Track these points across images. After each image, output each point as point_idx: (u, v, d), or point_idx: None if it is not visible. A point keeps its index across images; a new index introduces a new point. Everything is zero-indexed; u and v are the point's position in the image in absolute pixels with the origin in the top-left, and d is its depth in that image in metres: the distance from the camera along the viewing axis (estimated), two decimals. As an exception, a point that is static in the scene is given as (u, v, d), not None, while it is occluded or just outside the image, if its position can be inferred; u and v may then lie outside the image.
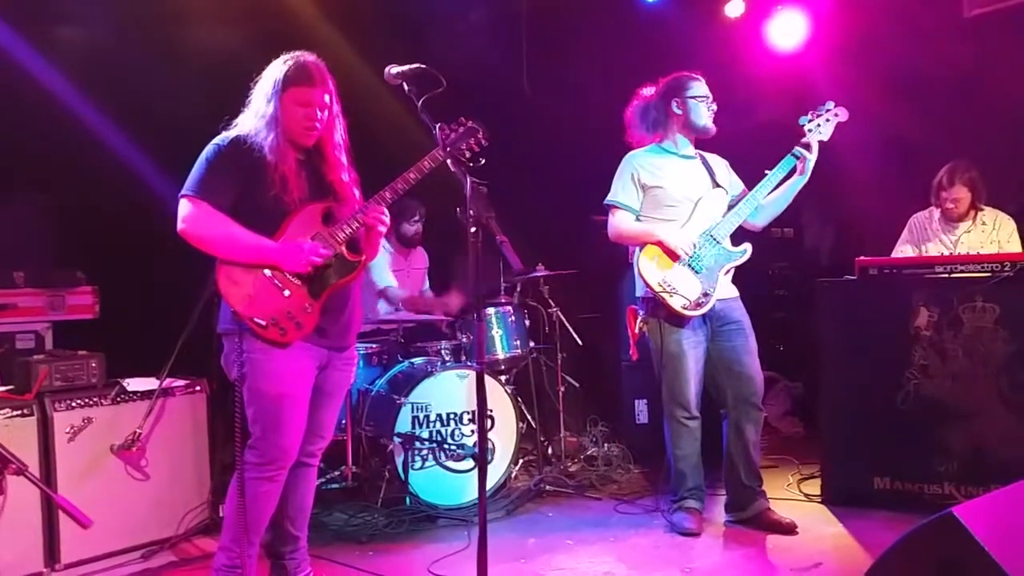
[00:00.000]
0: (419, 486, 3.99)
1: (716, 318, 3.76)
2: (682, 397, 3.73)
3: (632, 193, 3.83)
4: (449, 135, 2.78)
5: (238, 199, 2.76)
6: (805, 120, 3.75)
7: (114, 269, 4.45)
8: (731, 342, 3.78)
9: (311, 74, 2.77)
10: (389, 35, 4.97)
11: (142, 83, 4.50)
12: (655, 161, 3.83)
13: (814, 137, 3.71)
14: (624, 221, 3.84)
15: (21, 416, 3.31)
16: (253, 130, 2.78)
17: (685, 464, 3.79)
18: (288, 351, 2.76)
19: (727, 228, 3.75)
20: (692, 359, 3.73)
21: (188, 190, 2.74)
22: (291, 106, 2.76)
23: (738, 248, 3.79)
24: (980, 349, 3.78)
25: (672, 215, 3.78)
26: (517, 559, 3.48)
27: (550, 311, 4.86)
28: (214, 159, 2.76)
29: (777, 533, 3.69)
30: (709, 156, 3.94)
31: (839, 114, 3.74)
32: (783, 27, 5.82)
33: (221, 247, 2.73)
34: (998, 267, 3.78)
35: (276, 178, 2.75)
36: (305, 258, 2.73)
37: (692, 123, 3.80)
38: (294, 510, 2.98)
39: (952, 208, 4.46)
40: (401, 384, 4.18)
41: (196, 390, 3.79)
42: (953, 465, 3.80)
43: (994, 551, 1.80)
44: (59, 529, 3.30)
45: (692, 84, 3.81)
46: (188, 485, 3.70)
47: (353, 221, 2.84)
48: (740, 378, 3.78)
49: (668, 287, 3.65)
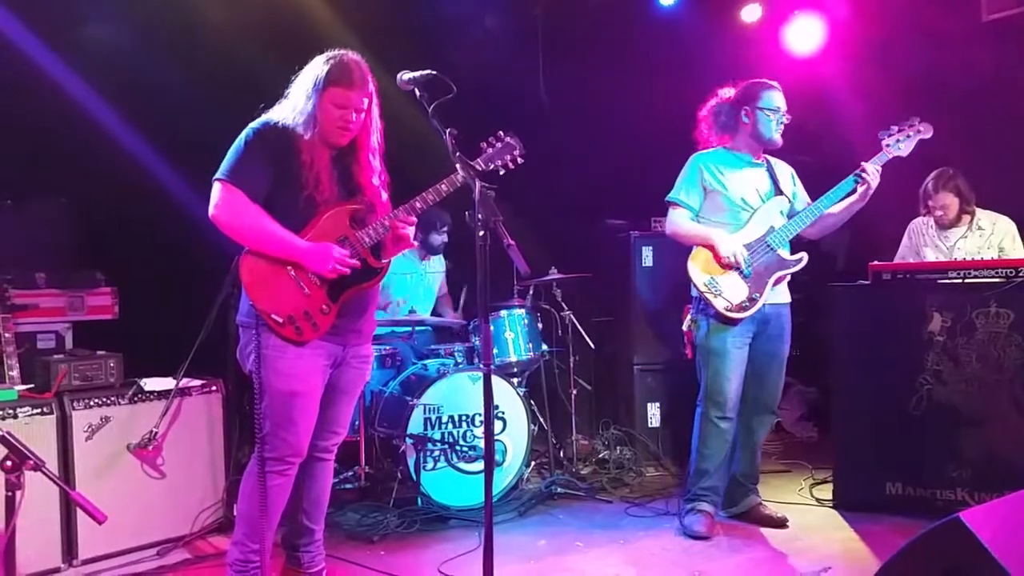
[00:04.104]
0: (431, 487, 4.02)
1: (763, 321, 3.77)
2: (720, 396, 3.74)
3: (694, 193, 3.84)
4: (486, 149, 2.82)
5: (271, 191, 2.77)
6: (885, 135, 3.70)
7: (133, 271, 4.52)
8: (769, 348, 3.81)
9: (352, 75, 2.77)
10: (405, 41, 5.00)
11: (161, 87, 4.56)
12: (721, 165, 3.84)
13: (891, 152, 3.68)
14: (682, 219, 3.85)
15: (41, 414, 3.38)
16: (292, 123, 2.78)
17: (709, 463, 3.79)
18: (302, 349, 2.78)
19: (784, 236, 3.75)
20: (737, 360, 3.73)
21: (222, 174, 2.75)
22: (329, 106, 2.76)
23: (794, 257, 3.78)
24: (994, 354, 3.76)
25: (731, 219, 3.79)
26: (527, 560, 3.50)
27: (563, 314, 4.87)
28: (252, 141, 2.77)
29: (768, 527, 3.79)
30: (776, 163, 3.93)
31: (922, 130, 3.69)
32: (800, 32, 5.80)
33: (251, 237, 2.75)
34: (1012, 272, 3.75)
35: (311, 177, 2.76)
36: (331, 264, 2.74)
37: (759, 134, 3.78)
38: (310, 504, 3.01)
39: (941, 215, 4.44)
40: (414, 386, 4.22)
41: (212, 390, 3.84)
42: (966, 471, 3.78)
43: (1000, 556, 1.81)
44: (77, 526, 3.37)
45: (764, 94, 3.77)
46: (203, 484, 3.76)
47: (380, 227, 2.85)
48: (765, 385, 3.83)
49: (713, 288, 3.67)
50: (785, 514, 3.87)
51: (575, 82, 5.81)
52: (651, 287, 5.11)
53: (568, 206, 5.62)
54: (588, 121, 5.68)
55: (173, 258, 4.61)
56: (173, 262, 4.61)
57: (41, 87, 4.34)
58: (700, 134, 3.96)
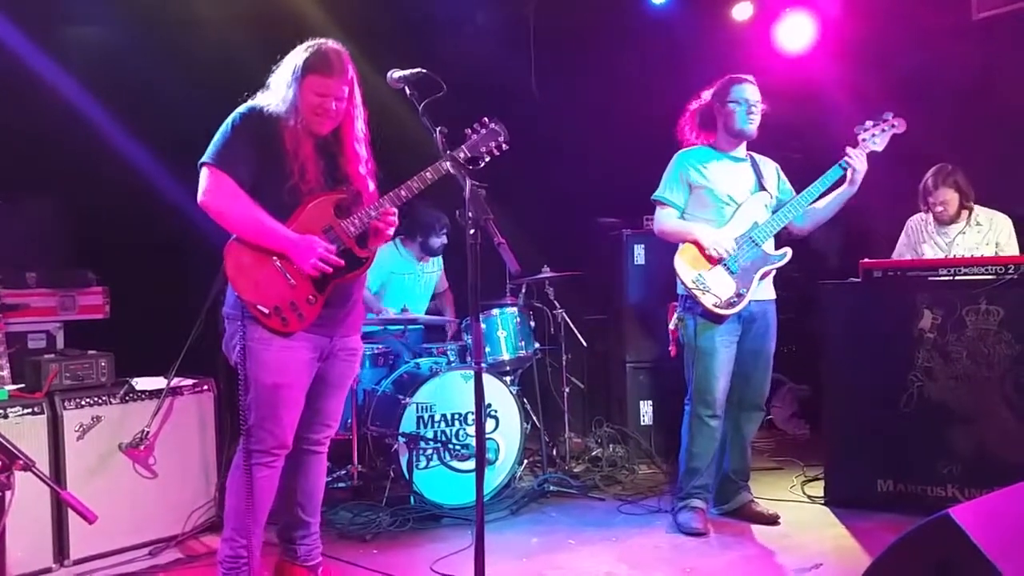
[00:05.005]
0: (423, 485, 4.02)
1: (750, 318, 3.79)
2: (709, 395, 3.75)
3: (678, 191, 3.86)
4: (471, 136, 2.79)
5: (256, 180, 2.76)
6: (860, 129, 3.74)
7: (124, 270, 4.51)
8: (755, 345, 3.82)
9: (331, 63, 2.76)
10: (396, 38, 4.99)
11: (152, 85, 4.56)
12: (704, 161, 3.85)
13: (867, 147, 3.71)
14: (667, 217, 3.88)
15: (32, 414, 3.36)
16: (275, 111, 2.78)
17: (699, 462, 3.81)
18: (288, 340, 2.77)
19: (768, 231, 3.77)
20: (725, 358, 3.75)
21: (209, 158, 2.74)
22: (309, 94, 2.75)
23: (778, 252, 3.79)
24: (984, 351, 3.78)
25: (715, 215, 3.80)
26: (520, 558, 3.50)
27: (555, 312, 4.88)
28: (238, 125, 2.77)
29: (760, 524, 3.81)
30: (760, 159, 3.95)
31: (896, 125, 3.73)
32: (791, 30, 5.81)
33: (240, 225, 2.74)
34: (1002, 270, 3.77)
35: (295, 166, 2.75)
36: (315, 260, 2.73)
37: (731, 127, 3.81)
38: (304, 497, 3.01)
39: (941, 211, 4.45)
40: (406, 384, 4.22)
41: (204, 389, 3.83)
42: (956, 467, 3.80)
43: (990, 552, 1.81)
44: (68, 526, 3.36)
45: (732, 88, 3.80)
46: (195, 483, 3.75)
47: (366, 217, 2.84)
48: (751, 382, 3.85)
49: (701, 285, 3.68)
50: (777, 511, 3.89)
51: (567, 80, 5.81)
52: (643, 285, 5.12)
53: (560, 204, 5.63)
54: (580, 119, 5.68)
55: (164, 257, 4.60)
56: (164, 261, 4.60)
57: (32, 85, 4.33)
58: (682, 133, 3.98)
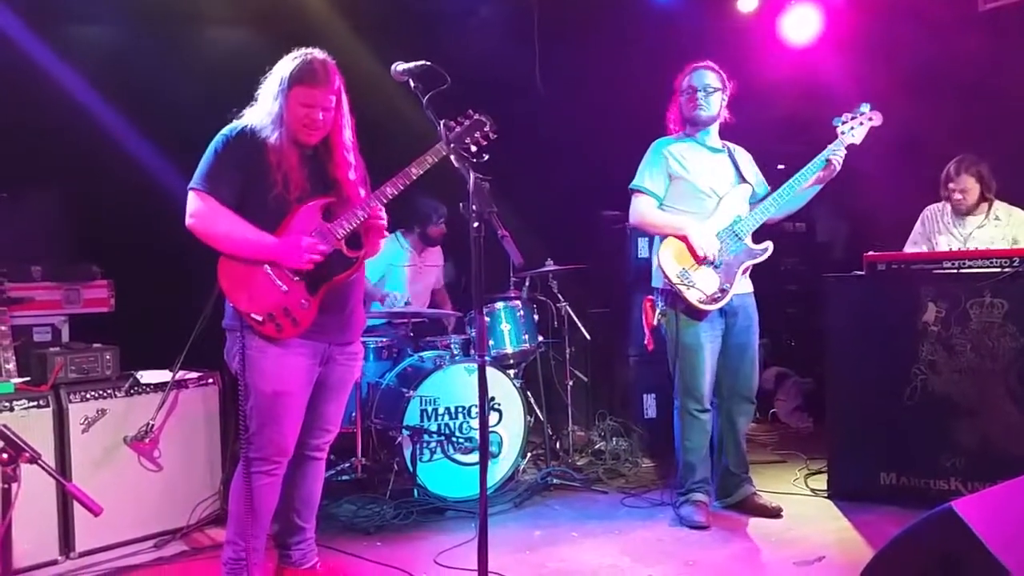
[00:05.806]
0: (427, 478, 4.03)
1: (732, 312, 3.78)
2: (696, 390, 3.76)
3: (658, 180, 3.83)
4: (455, 128, 2.78)
5: (243, 194, 2.80)
6: (839, 122, 3.74)
7: (129, 263, 4.51)
8: (740, 340, 3.82)
9: (317, 74, 2.77)
10: (401, 31, 4.99)
11: (156, 79, 4.55)
12: (684, 151, 3.83)
13: (846, 140, 3.71)
14: (647, 208, 3.83)
15: (37, 407, 3.38)
16: (260, 125, 2.81)
17: (695, 456, 3.82)
18: (285, 348, 2.79)
19: (750, 225, 3.75)
20: (709, 352, 3.75)
21: (196, 183, 2.79)
22: (295, 105, 2.77)
23: (760, 245, 3.78)
24: (988, 345, 3.77)
25: (697, 208, 3.78)
26: (523, 550, 3.51)
27: (559, 305, 4.88)
28: (222, 150, 2.80)
29: (763, 517, 3.81)
30: (736, 149, 3.93)
31: (873, 118, 3.74)
32: (796, 22, 5.79)
33: (225, 243, 2.78)
34: (1006, 263, 3.76)
35: (279, 177, 2.78)
36: (303, 255, 2.75)
37: (685, 114, 3.84)
38: (300, 503, 3.02)
39: (960, 200, 4.40)
40: (410, 377, 4.23)
41: (208, 383, 3.84)
42: (960, 461, 3.79)
43: (992, 545, 1.81)
44: (73, 518, 3.38)
45: (681, 81, 3.84)
46: (200, 476, 3.76)
47: (354, 217, 2.85)
48: (739, 375, 3.86)
49: (686, 280, 3.66)
50: (780, 504, 3.90)
51: (571, 73, 5.80)
52: (647, 278, 5.09)
53: (564, 197, 5.62)
54: (584, 112, 5.66)
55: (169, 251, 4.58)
56: (169, 255, 4.58)
57: (37, 80, 4.33)
58: (667, 124, 3.98)
